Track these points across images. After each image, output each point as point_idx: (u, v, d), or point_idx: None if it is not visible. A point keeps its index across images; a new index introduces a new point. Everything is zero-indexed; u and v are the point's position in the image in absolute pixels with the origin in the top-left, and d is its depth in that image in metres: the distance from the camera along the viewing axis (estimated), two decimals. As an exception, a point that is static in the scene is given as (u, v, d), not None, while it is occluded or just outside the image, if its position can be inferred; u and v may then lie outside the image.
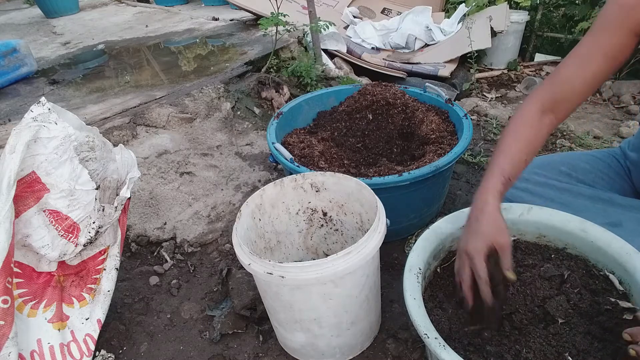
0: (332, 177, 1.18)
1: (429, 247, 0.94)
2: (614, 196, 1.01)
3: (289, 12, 2.57)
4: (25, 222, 1.02)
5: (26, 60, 2.75)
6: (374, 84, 1.77)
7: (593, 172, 1.10)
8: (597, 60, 0.82)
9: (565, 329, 0.81)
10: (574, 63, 0.86)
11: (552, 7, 3.09)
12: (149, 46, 3.34)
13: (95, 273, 1.18)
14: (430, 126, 1.59)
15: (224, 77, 2.46)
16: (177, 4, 4.88)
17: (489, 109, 2.51)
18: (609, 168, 1.10)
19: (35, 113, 0.98)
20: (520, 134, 0.86)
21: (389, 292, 1.34)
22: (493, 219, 0.78)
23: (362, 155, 1.63)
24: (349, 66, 2.95)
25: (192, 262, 1.55)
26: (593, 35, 0.84)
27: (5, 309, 0.95)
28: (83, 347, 1.13)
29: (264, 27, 2.29)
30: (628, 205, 0.97)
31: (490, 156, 0.87)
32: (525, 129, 0.86)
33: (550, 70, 3.01)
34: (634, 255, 0.83)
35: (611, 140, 2.13)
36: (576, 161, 1.13)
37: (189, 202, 1.77)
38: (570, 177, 1.10)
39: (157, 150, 1.98)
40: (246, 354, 1.21)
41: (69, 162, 1.02)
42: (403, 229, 1.49)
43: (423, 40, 3.18)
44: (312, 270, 0.89)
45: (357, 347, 1.16)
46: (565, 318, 0.82)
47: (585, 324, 0.81)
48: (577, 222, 0.93)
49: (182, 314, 1.35)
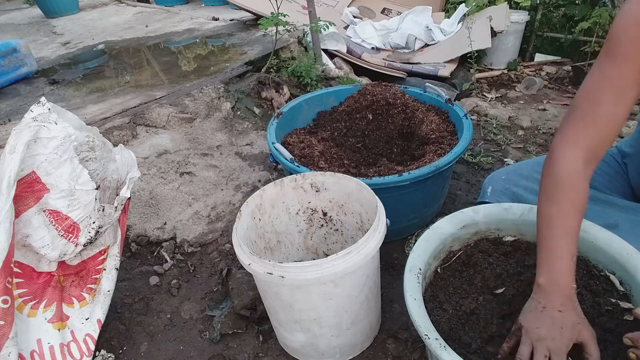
0: (332, 177, 1.18)
1: (429, 247, 0.94)
2: (611, 197, 1.01)
3: (289, 12, 2.57)
4: (25, 222, 1.01)
5: (26, 60, 2.75)
6: (374, 84, 1.77)
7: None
8: (632, 89, 0.72)
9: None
10: (609, 99, 0.73)
11: (552, 7, 3.09)
12: (149, 46, 3.34)
13: (95, 273, 1.18)
14: (430, 126, 1.59)
15: (224, 77, 2.46)
16: (177, 4, 4.88)
17: (489, 109, 2.51)
18: (607, 167, 1.10)
19: (35, 113, 0.98)
20: (578, 204, 0.75)
21: (389, 292, 1.34)
22: (577, 309, 0.73)
23: (362, 155, 1.63)
24: (349, 66, 2.95)
25: (192, 262, 1.55)
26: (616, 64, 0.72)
27: (5, 309, 0.94)
28: (83, 347, 1.13)
29: (264, 27, 2.29)
30: (625, 207, 0.97)
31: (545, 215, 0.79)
32: (579, 196, 0.75)
33: (550, 71, 3.01)
34: (635, 256, 0.83)
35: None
36: None
37: (189, 202, 1.77)
38: None
39: (157, 150, 1.98)
40: (246, 354, 1.21)
41: (69, 162, 1.02)
42: (403, 229, 1.49)
43: (423, 40, 3.18)
44: (312, 270, 0.89)
45: (357, 347, 1.16)
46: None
47: (585, 325, 0.81)
48: (578, 222, 0.93)
49: (182, 314, 1.35)
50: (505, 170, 1.16)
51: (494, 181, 1.14)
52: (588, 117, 0.75)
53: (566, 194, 0.76)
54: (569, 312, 0.72)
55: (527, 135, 2.26)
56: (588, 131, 0.75)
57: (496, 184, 1.12)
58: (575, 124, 0.77)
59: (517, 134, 2.28)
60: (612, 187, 1.07)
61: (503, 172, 1.15)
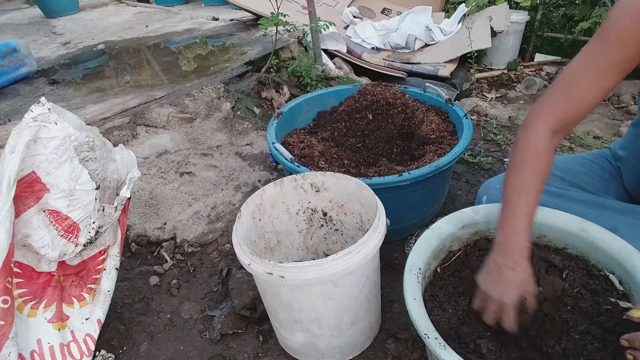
0: (332, 177, 1.18)
1: (429, 247, 0.94)
2: (608, 200, 1.01)
3: (289, 12, 2.57)
4: (25, 222, 1.01)
5: (26, 60, 2.75)
6: (374, 84, 1.77)
7: (587, 175, 1.09)
8: (611, 74, 0.78)
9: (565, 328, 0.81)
10: (586, 80, 0.80)
11: (552, 7, 3.09)
12: (149, 46, 3.34)
13: (95, 273, 1.18)
14: (430, 126, 1.59)
15: (224, 77, 2.46)
16: (177, 4, 4.88)
17: (489, 109, 2.51)
18: (602, 170, 1.09)
19: (35, 113, 0.98)
20: (538, 166, 0.82)
21: (389, 292, 1.34)
22: (526, 269, 0.78)
23: (362, 155, 1.63)
24: (349, 66, 2.95)
25: (192, 262, 1.55)
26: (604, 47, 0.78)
27: (5, 309, 0.95)
28: (83, 347, 1.13)
29: (264, 27, 2.29)
30: (622, 210, 0.96)
31: (509, 182, 0.85)
32: (542, 158, 0.82)
33: (550, 71, 3.01)
34: (634, 255, 0.83)
35: (611, 140, 2.13)
36: (569, 165, 1.12)
37: (189, 202, 1.77)
38: (563, 181, 1.09)
39: (157, 150, 1.98)
40: (246, 354, 1.21)
41: (69, 162, 1.02)
42: (403, 229, 1.49)
43: (423, 40, 3.18)
44: (312, 270, 0.89)
45: (357, 347, 1.16)
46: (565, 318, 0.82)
47: (585, 324, 0.81)
48: (577, 222, 0.93)
49: (182, 314, 1.35)
50: (499, 180, 1.13)
51: (489, 190, 1.12)
52: (562, 96, 0.82)
53: (529, 161, 0.82)
54: (519, 271, 0.77)
55: (527, 135, 2.25)
56: (559, 109, 0.82)
57: (491, 193, 1.10)
58: (549, 101, 0.84)
59: (517, 134, 2.27)
60: (608, 191, 1.07)
61: (498, 181, 1.13)
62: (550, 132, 0.82)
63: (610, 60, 0.78)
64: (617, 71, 0.78)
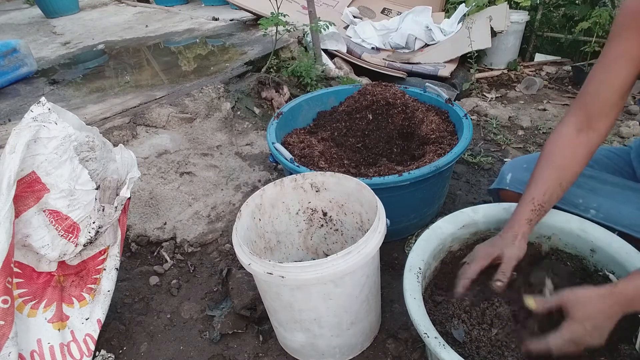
0: (332, 177, 1.18)
1: (429, 247, 0.94)
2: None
3: (289, 12, 2.57)
4: (25, 222, 1.01)
5: (26, 60, 2.75)
6: (374, 84, 1.77)
7: (612, 167, 1.09)
8: (620, 65, 0.82)
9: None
10: (598, 74, 0.86)
11: (552, 7, 3.09)
12: (149, 46, 3.34)
13: (95, 273, 1.18)
14: (430, 126, 1.59)
15: (224, 77, 2.46)
16: (177, 4, 4.88)
17: (489, 109, 2.51)
18: (626, 164, 1.09)
19: (35, 113, 0.98)
20: (552, 159, 0.88)
21: (389, 292, 1.34)
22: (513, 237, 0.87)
23: (362, 155, 1.63)
24: (349, 66, 2.94)
25: (192, 262, 1.55)
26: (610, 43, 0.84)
27: (5, 309, 0.95)
28: (83, 347, 1.13)
29: (264, 27, 2.29)
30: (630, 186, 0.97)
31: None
32: (559, 152, 0.88)
33: (550, 71, 3.01)
34: (634, 255, 0.83)
35: (611, 140, 2.13)
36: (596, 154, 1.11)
37: (189, 202, 1.77)
38: (592, 168, 1.07)
39: (157, 150, 1.98)
40: (246, 354, 1.21)
41: (69, 162, 1.02)
42: (403, 229, 1.49)
43: (423, 40, 3.18)
44: (312, 270, 0.89)
45: (357, 347, 1.16)
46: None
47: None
48: (577, 222, 0.93)
49: (182, 314, 1.35)
50: (526, 159, 1.12)
51: (515, 169, 1.10)
52: (581, 95, 0.89)
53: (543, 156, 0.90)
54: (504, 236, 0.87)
55: (527, 135, 2.26)
56: (579, 107, 0.89)
57: (517, 172, 1.08)
58: (573, 102, 0.91)
59: (517, 134, 2.28)
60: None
61: (524, 161, 1.11)
62: (574, 130, 0.88)
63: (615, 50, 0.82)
64: (624, 61, 0.82)
